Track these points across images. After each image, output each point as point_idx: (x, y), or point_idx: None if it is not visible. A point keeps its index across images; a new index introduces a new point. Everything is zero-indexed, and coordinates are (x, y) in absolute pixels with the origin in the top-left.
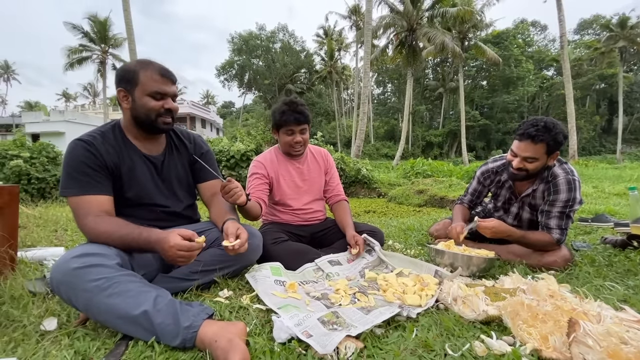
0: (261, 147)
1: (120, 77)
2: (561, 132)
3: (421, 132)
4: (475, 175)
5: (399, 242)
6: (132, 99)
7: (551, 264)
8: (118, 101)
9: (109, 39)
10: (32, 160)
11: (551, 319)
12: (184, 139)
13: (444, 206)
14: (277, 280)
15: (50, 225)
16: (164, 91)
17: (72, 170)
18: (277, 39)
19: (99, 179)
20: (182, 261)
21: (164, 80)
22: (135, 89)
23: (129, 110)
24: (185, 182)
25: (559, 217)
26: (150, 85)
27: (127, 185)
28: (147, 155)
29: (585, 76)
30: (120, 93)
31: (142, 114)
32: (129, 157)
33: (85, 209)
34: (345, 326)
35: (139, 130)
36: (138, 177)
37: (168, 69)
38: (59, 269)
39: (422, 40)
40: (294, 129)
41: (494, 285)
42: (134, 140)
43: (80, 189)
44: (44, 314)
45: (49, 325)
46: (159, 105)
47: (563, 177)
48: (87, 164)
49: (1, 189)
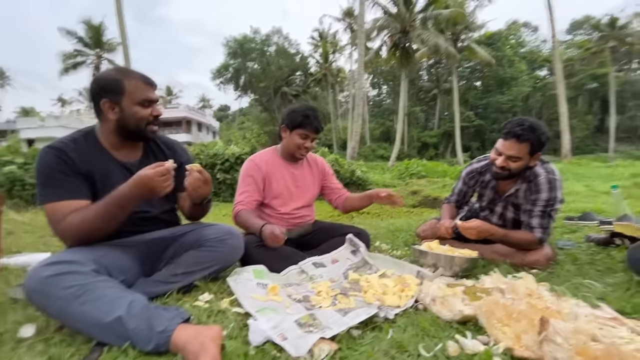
0: (255, 150)
1: (101, 88)
2: (545, 133)
3: (416, 133)
4: (461, 175)
5: (385, 244)
6: (120, 108)
7: (534, 263)
8: (97, 112)
9: (103, 44)
10: (25, 166)
11: (525, 317)
12: (161, 146)
13: (436, 207)
14: (259, 282)
15: (38, 231)
16: (151, 98)
17: (45, 178)
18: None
19: (73, 185)
20: (167, 185)
21: (149, 88)
22: (122, 98)
23: (115, 120)
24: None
25: (541, 217)
26: (139, 93)
27: (101, 193)
28: (123, 162)
29: (578, 76)
30: (105, 104)
31: (132, 123)
32: (102, 164)
33: (59, 214)
34: (320, 328)
35: (119, 138)
36: (112, 184)
37: (148, 76)
38: (32, 278)
39: (416, 42)
40: (309, 135)
41: (474, 285)
42: (109, 147)
43: (55, 196)
44: (22, 321)
45: (26, 332)
46: (147, 113)
47: (544, 176)
48: (59, 169)
49: None
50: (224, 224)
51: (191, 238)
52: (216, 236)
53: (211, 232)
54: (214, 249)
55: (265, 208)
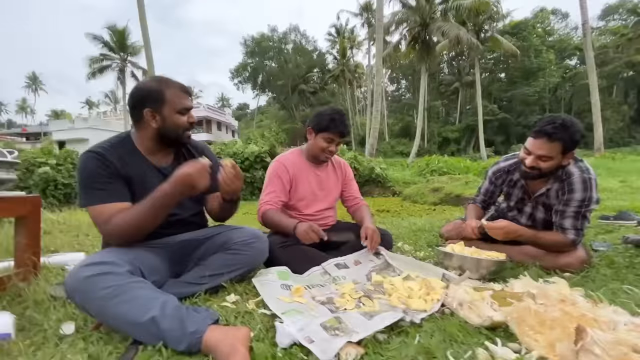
0: (275, 148)
1: (143, 98)
2: (578, 131)
3: (437, 128)
4: (486, 174)
5: (408, 244)
6: (162, 117)
7: (566, 266)
8: (135, 119)
9: (128, 47)
10: (58, 167)
11: (559, 325)
12: (192, 150)
13: (459, 204)
14: (283, 284)
15: (73, 231)
16: (188, 106)
17: (89, 182)
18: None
19: (116, 187)
20: (206, 181)
21: (186, 96)
22: (164, 107)
23: (157, 128)
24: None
25: (574, 217)
26: (178, 102)
27: (138, 195)
28: (157, 166)
29: (612, 64)
30: (148, 113)
31: (172, 130)
32: (139, 167)
33: (104, 216)
34: (347, 332)
35: (155, 143)
36: (148, 188)
37: (184, 85)
38: (73, 278)
39: (436, 34)
40: (334, 138)
41: (502, 289)
42: (145, 152)
43: (98, 198)
44: (63, 318)
45: (67, 329)
46: (185, 120)
47: (578, 175)
48: (100, 174)
49: (24, 199)
50: (249, 226)
51: (218, 241)
52: (243, 239)
53: (238, 236)
54: (240, 252)
55: (289, 210)
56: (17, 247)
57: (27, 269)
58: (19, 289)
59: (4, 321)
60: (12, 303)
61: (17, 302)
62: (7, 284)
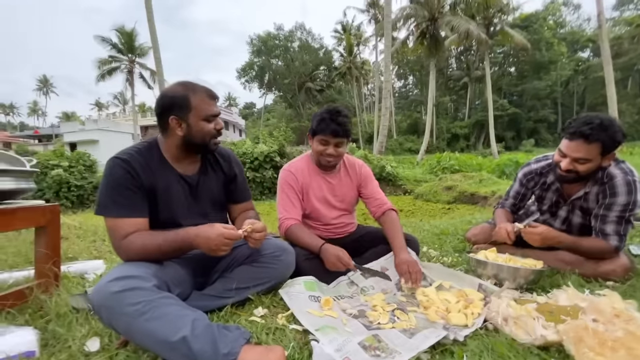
0: (284, 147)
1: (169, 105)
2: (619, 130)
3: (446, 125)
4: (516, 177)
5: (433, 249)
6: (187, 124)
7: (609, 274)
8: (162, 127)
9: (136, 49)
10: (70, 169)
11: (622, 346)
12: (219, 158)
13: (475, 203)
14: (311, 295)
15: (89, 236)
16: (215, 113)
17: (111, 190)
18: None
19: (136, 201)
20: (225, 250)
21: (212, 102)
22: (190, 114)
23: (182, 136)
24: (218, 202)
25: (617, 222)
26: (205, 109)
27: (161, 206)
28: (183, 175)
29: (627, 56)
30: (173, 121)
31: (198, 138)
32: (165, 176)
33: (121, 231)
34: (388, 352)
35: (182, 151)
36: (173, 197)
37: (212, 89)
38: (99, 293)
39: (445, 29)
40: (328, 140)
41: (547, 302)
42: (171, 160)
43: (117, 211)
44: (88, 334)
45: (92, 346)
46: (212, 127)
47: (621, 178)
48: (125, 185)
49: (43, 208)
50: (275, 238)
51: (244, 252)
52: (270, 252)
53: (265, 248)
54: (267, 265)
55: (307, 219)
56: (37, 258)
57: (48, 280)
58: (41, 301)
59: (29, 338)
60: (34, 316)
61: (39, 315)
62: (29, 297)
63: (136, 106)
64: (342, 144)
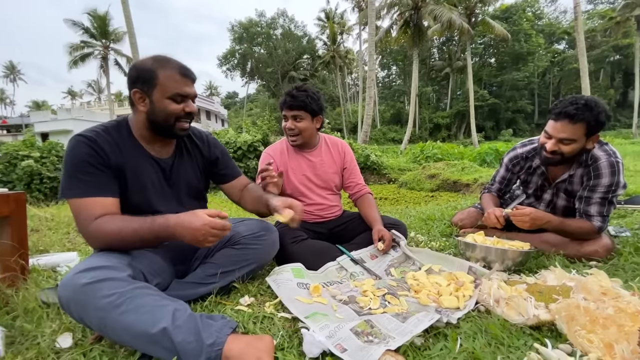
0: (267, 137)
1: (135, 77)
2: (604, 110)
3: (428, 115)
4: (502, 162)
5: (421, 235)
6: (150, 101)
7: (592, 254)
8: (131, 102)
9: (110, 34)
10: (42, 159)
11: (613, 323)
12: (196, 140)
13: (457, 190)
14: (299, 282)
15: (63, 228)
16: (185, 93)
17: (74, 170)
18: (277, 25)
19: (103, 180)
20: (212, 241)
21: (185, 81)
22: (154, 90)
23: (145, 113)
24: (194, 187)
25: (601, 204)
26: (171, 86)
27: (131, 189)
28: (156, 157)
29: (599, 48)
30: (136, 94)
31: (161, 118)
32: (134, 158)
33: (87, 212)
34: (381, 337)
35: (150, 132)
36: (144, 181)
37: (188, 67)
38: (67, 287)
39: (428, 18)
40: (286, 115)
41: (536, 283)
42: (142, 141)
43: (82, 191)
44: (59, 329)
45: (63, 342)
46: (179, 108)
47: (605, 159)
48: (89, 162)
49: (7, 196)
50: (256, 218)
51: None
52: (251, 233)
53: (245, 229)
54: (250, 246)
55: None
56: (0, 250)
57: (14, 273)
58: (7, 296)
59: None
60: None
61: (4, 311)
62: None
63: (112, 95)
64: (299, 117)
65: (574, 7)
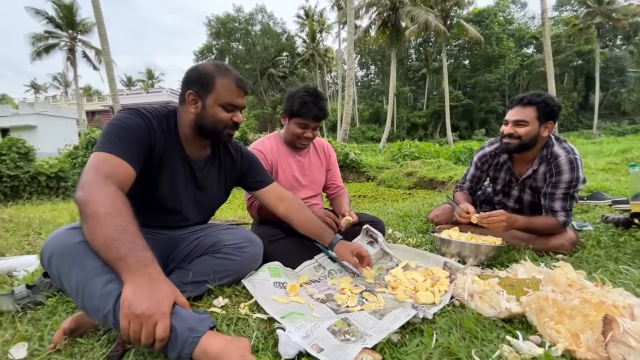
0: (246, 134)
1: (193, 79)
2: (552, 99)
3: (406, 114)
4: (472, 160)
5: (398, 231)
6: (203, 105)
7: (558, 248)
8: (182, 100)
9: (77, 25)
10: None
11: (579, 314)
12: (231, 150)
13: (434, 188)
14: (276, 282)
15: (22, 229)
16: (237, 104)
17: (118, 131)
18: (255, 21)
19: (138, 152)
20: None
21: (239, 92)
22: (209, 95)
23: (195, 115)
24: (216, 196)
25: (563, 199)
26: (226, 95)
27: (160, 181)
28: (189, 158)
29: (564, 53)
30: (190, 96)
31: (209, 123)
32: (172, 152)
33: (107, 168)
34: (358, 335)
35: (193, 132)
36: (173, 177)
37: (244, 79)
38: (56, 239)
39: (405, 19)
40: (308, 124)
41: (507, 276)
42: (183, 138)
43: (115, 149)
44: (13, 339)
45: (17, 353)
46: (228, 117)
47: (564, 156)
48: (136, 133)
49: None
50: (243, 228)
51: (207, 241)
52: (235, 243)
53: (230, 238)
54: (230, 256)
55: None
56: None
57: None
58: None
59: None
60: None
61: None
62: None
63: (80, 89)
64: (318, 127)
65: (541, 14)
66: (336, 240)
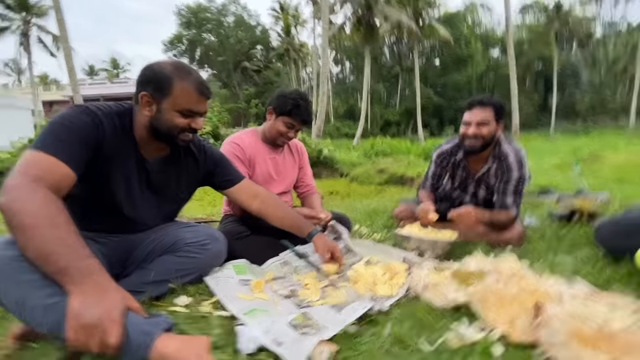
0: (217, 129)
1: (148, 79)
2: (500, 100)
3: (379, 111)
4: (432, 159)
5: (365, 227)
6: (158, 109)
7: (508, 241)
8: (136, 102)
9: (31, 7)
10: None
11: (516, 301)
12: (194, 150)
13: (404, 184)
14: (241, 279)
15: None
16: (197, 110)
17: (61, 131)
18: (228, 12)
19: (81, 155)
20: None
21: (200, 99)
22: (165, 99)
23: (149, 117)
24: (175, 198)
25: (514, 194)
26: (184, 101)
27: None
28: (144, 158)
29: (526, 57)
30: (143, 98)
31: (164, 128)
32: (124, 153)
33: (37, 169)
34: (317, 328)
35: (149, 135)
36: (124, 175)
37: (207, 84)
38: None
39: (379, 18)
40: (295, 125)
41: (458, 269)
42: (138, 138)
43: (52, 148)
44: None
45: None
46: (185, 122)
47: (513, 155)
48: (82, 134)
49: None
50: (206, 225)
51: (166, 240)
52: (196, 240)
53: (191, 236)
54: (193, 254)
55: None
56: None
57: None
58: None
59: None
60: None
61: None
62: None
63: (36, 77)
64: (300, 130)
65: (505, 19)
66: (315, 231)
